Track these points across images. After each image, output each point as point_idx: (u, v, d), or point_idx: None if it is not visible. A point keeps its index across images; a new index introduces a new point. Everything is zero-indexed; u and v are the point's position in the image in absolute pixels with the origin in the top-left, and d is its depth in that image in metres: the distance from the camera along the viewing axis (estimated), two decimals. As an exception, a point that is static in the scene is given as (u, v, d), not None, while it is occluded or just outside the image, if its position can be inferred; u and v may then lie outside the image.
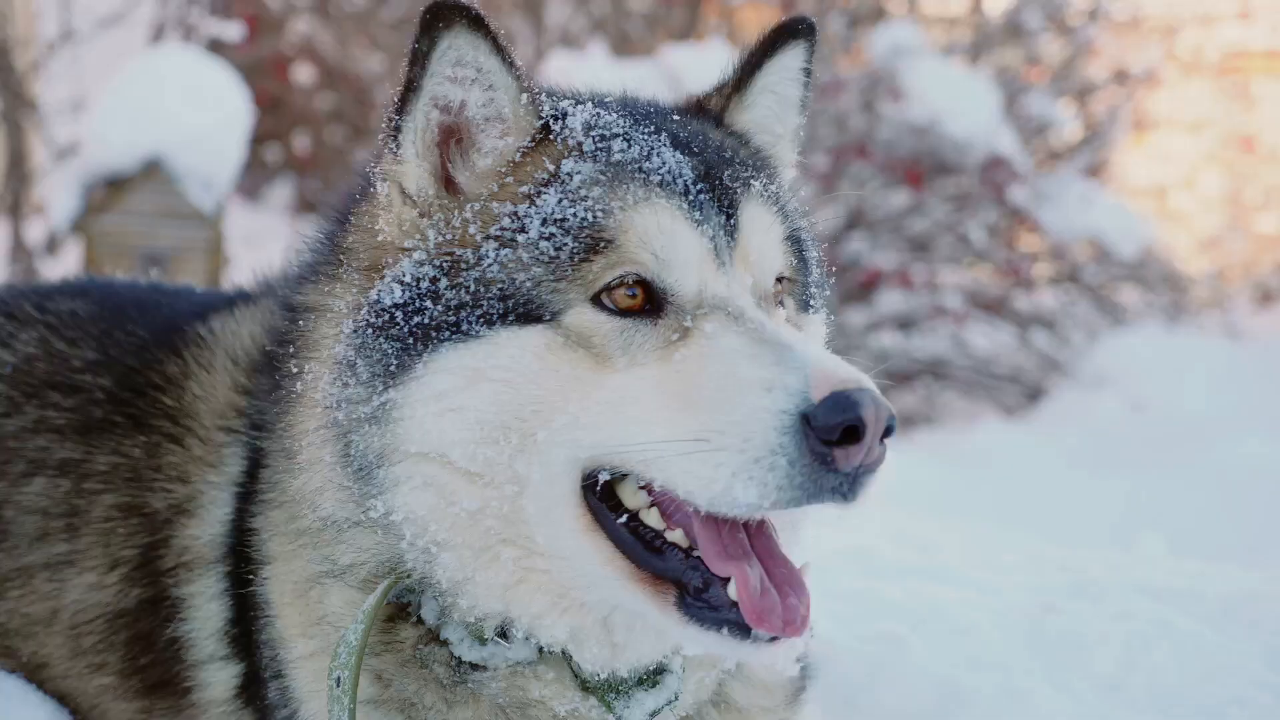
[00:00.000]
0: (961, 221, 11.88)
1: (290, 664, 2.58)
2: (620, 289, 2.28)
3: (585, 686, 2.44)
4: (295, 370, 2.51)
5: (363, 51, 15.08)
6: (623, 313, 2.27)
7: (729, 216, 2.40)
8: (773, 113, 2.80)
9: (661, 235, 2.30)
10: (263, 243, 11.43)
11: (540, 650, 2.42)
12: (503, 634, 2.41)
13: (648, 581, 2.27)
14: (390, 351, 2.30)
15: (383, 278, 2.37)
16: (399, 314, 2.31)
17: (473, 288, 2.29)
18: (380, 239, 2.42)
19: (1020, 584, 4.26)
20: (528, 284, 2.27)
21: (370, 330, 2.33)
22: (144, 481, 2.90)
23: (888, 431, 2.13)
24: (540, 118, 2.42)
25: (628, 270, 2.28)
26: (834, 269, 2.88)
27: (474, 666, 2.44)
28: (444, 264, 2.32)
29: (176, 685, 2.83)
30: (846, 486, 2.13)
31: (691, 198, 2.36)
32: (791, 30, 2.76)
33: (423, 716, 2.47)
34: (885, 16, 13.19)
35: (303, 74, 15.81)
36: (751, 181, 2.49)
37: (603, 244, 2.28)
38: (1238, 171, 17.43)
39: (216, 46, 11.54)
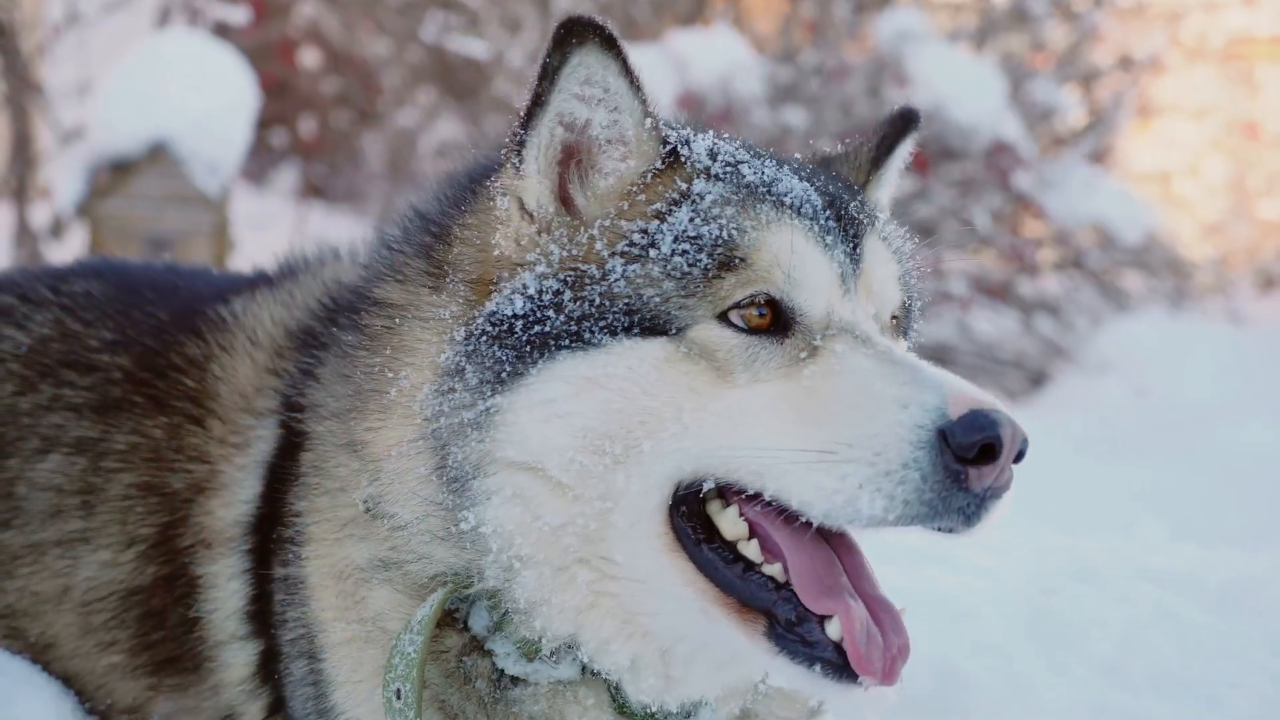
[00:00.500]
0: (966, 207, 11.85)
1: (328, 648, 2.58)
2: (751, 308, 2.27)
3: (622, 711, 2.44)
4: (390, 374, 2.48)
5: (369, 35, 15.06)
6: (750, 330, 2.26)
7: (854, 246, 2.42)
8: (888, 193, 2.87)
9: (794, 255, 2.30)
10: (268, 227, 11.46)
11: (584, 669, 2.41)
12: (551, 654, 2.40)
13: (734, 608, 2.25)
14: (504, 359, 2.29)
15: (498, 290, 2.36)
16: (518, 324, 2.30)
17: (597, 301, 2.27)
18: (495, 254, 2.40)
19: (1021, 569, 4.27)
20: (656, 299, 2.26)
21: (485, 338, 2.32)
22: (164, 462, 2.90)
23: (1019, 455, 2.13)
24: (667, 143, 2.42)
25: (759, 289, 2.28)
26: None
27: (514, 681, 2.44)
28: (568, 278, 2.31)
29: (184, 663, 2.84)
30: (973, 508, 2.12)
31: (821, 223, 2.38)
32: (916, 117, 2.84)
33: None
34: (891, 2, 13.16)
35: (309, 58, 15.78)
36: (876, 216, 2.54)
37: (736, 261, 2.28)
38: (1241, 158, 17.37)
39: (222, 30, 11.55)
